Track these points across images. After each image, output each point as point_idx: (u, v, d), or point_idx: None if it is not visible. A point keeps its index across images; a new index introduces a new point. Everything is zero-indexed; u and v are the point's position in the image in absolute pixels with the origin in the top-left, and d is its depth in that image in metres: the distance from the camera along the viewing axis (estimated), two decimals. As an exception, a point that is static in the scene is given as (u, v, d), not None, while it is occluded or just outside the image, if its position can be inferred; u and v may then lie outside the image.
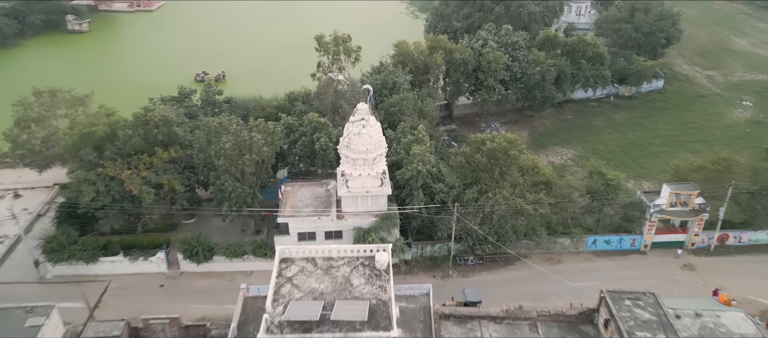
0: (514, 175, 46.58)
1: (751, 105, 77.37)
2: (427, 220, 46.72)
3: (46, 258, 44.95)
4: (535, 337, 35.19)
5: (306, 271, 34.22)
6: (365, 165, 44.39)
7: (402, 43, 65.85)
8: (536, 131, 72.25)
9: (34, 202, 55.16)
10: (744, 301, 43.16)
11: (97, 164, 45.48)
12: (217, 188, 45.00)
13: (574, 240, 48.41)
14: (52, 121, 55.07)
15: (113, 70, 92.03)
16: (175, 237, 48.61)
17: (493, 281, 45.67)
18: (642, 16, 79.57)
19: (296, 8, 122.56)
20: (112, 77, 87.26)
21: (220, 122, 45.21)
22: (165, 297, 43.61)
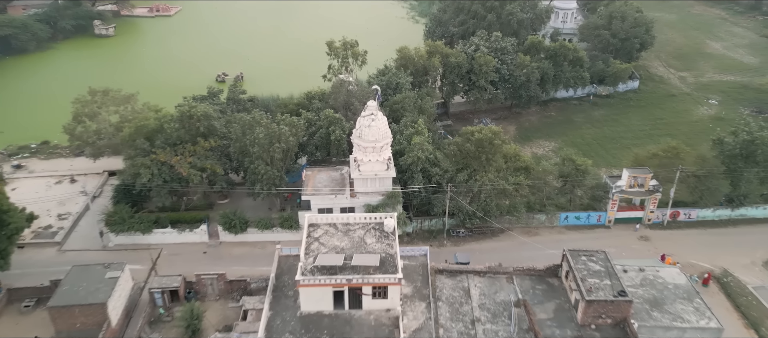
0: (499, 161, 55.59)
1: (716, 103, 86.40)
2: (426, 199, 55.89)
3: (109, 230, 54.01)
4: (511, 286, 44.24)
5: (329, 233, 43.27)
6: (374, 152, 53.49)
7: (404, 49, 74.87)
8: (523, 126, 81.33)
9: (88, 186, 64.07)
10: (688, 264, 52.23)
11: (149, 152, 54.47)
12: (251, 171, 54.00)
13: (549, 216, 57.48)
14: (103, 116, 64.04)
15: (139, 71, 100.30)
16: (213, 214, 57.68)
17: (480, 249, 54.69)
18: (619, 23, 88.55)
19: (304, 13, 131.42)
20: (139, 78, 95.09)
21: (253, 116, 54.34)
22: (208, 262, 52.56)
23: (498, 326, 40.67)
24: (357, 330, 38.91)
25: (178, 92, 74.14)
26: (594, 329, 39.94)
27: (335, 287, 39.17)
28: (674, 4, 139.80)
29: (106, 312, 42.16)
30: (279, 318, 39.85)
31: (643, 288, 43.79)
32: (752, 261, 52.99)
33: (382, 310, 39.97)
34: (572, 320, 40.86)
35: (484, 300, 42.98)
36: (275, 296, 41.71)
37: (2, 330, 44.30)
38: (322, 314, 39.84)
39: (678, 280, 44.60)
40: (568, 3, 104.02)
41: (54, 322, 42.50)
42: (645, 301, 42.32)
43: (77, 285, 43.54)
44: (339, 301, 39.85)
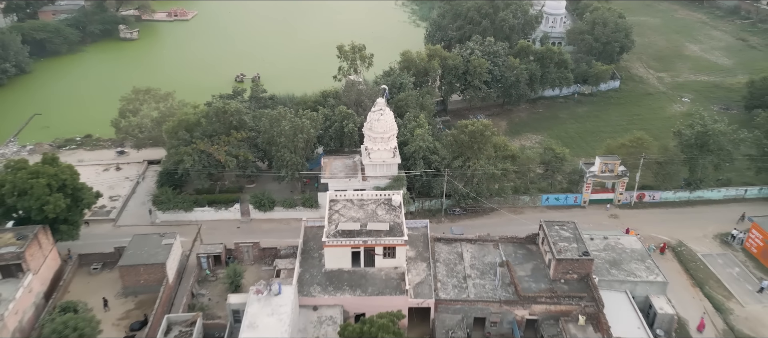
0: (489, 150, 64.75)
1: (688, 101, 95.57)
2: (426, 182, 65.17)
3: (157, 208, 63.33)
4: (497, 251, 53.51)
5: (347, 206, 52.56)
6: (382, 142, 62.75)
7: (406, 52, 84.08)
8: (513, 121, 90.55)
9: (131, 173, 73.44)
10: (649, 237, 61.44)
11: (190, 142, 63.73)
12: (278, 159, 63.24)
13: (532, 197, 66.74)
14: (145, 112, 73.32)
15: (162, 72, 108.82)
16: (243, 196, 66.94)
17: (473, 224, 63.91)
18: (601, 28, 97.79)
19: (313, 17, 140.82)
20: (163, 79, 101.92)
21: (279, 111, 63.61)
22: (241, 235, 61.71)
23: (485, 281, 49.96)
24: (371, 283, 48.24)
25: (201, 91, 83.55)
26: (563, 283, 49.19)
27: (353, 247, 48.49)
28: (659, 9, 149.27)
29: (165, 270, 51.48)
30: (307, 274, 49.17)
31: (605, 251, 53.07)
32: (704, 235, 62.23)
33: (391, 267, 49.30)
34: (546, 276, 50.13)
35: (474, 262, 52.26)
36: (303, 257, 51.01)
37: (75, 288, 53.51)
38: (343, 270, 49.18)
39: (635, 246, 53.90)
40: (557, 9, 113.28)
41: (123, 279, 51.84)
42: (606, 261, 51.60)
43: (139, 250, 52.87)
44: (356, 260, 49.17)
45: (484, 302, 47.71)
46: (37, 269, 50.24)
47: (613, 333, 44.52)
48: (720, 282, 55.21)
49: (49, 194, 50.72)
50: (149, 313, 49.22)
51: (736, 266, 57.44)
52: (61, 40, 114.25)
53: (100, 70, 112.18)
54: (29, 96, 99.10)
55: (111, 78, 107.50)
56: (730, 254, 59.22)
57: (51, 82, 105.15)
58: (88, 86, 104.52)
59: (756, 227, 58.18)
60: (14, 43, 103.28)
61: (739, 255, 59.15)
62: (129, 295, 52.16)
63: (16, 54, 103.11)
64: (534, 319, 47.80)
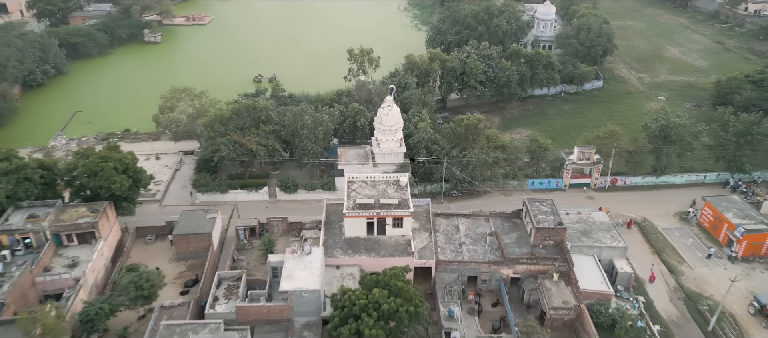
0: (482, 141, 75.08)
1: (663, 99, 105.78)
2: (428, 168, 75.51)
3: (197, 190, 73.70)
4: (487, 224, 63.83)
5: (362, 186, 62.90)
6: (390, 134, 73.10)
7: (410, 56, 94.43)
8: (506, 117, 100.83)
9: (170, 162, 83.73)
10: (618, 214, 71.64)
11: (224, 134, 74.00)
12: (301, 148, 73.58)
13: (520, 182, 77.05)
14: (181, 108, 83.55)
15: (185, 72, 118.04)
16: (269, 180, 77.22)
17: (468, 205, 74.18)
18: (585, 33, 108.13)
19: (322, 21, 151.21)
20: (186, 78, 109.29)
21: (301, 108, 73.98)
22: (270, 212, 71.69)
23: (477, 247, 60.30)
24: (383, 247, 58.57)
25: (223, 90, 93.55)
26: (541, 248, 59.51)
27: (368, 218, 58.81)
28: (645, 13, 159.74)
29: (211, 240, 61.85)
30: (330, 240, 59.52)
31: (578, 224, 63.39)
32: (666, 213, 72.56)
33: (399, 235, 59.63)
34: (527, 243, 60.48)
35: (468, 232, 62.63)
36: (326, 228, 61.33)
37: (135, 254, 63.82)
38: (359, 237, 59.51)
39: (603, 220, 64.26)
40: (547, 15, 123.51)
41: (176, 246, 62.23)
42: (578, 231, 61.91)
43: (188, 223, 63.23)
44: (370, 229, 59.47)
45: (476, 263, 58.03)
46: (106, 237, 60.60)
47: (581, 287, 54.85)
48: (675, 250, 65.59)
49: (115, 176, 61.07)
50: (199, 274, 59.57)
51: (690, 237, 67.85)
52: (92, 43, 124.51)
53: (129, 71, 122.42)
54: (67, 95, 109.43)
55: (140, 78, 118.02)
56: (686, 228, 69.64)
57: (86, 82, 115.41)
58: (120, 85, 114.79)
59: (708, 205, 68.52)
60: (53, 46, 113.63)
61: (693, 229, 69.54)
62: (180, 260, 62.52)
63: (55, 56, 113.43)
64: (517, 277, 58.12)
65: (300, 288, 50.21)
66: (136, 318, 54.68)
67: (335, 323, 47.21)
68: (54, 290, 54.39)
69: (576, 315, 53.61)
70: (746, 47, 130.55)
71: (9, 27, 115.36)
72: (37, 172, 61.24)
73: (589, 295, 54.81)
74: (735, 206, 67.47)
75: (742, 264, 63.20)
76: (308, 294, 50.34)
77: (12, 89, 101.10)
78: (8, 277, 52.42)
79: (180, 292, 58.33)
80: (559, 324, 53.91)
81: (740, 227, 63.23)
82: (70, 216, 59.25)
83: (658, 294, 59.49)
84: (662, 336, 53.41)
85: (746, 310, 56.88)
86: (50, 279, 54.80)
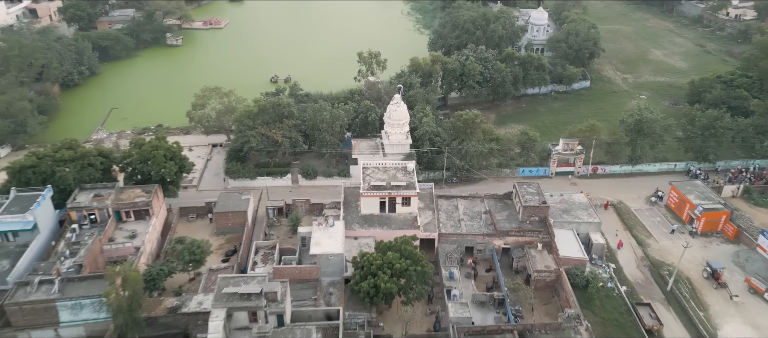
0: (479, 134, 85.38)
1: (644, 98, 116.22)
2: (431, 158, 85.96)
3: (229, 176, 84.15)
4: (483, 204, 74.24)
5: (375, 171, 73.32)
6: (398, 127, 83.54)
7: (414, 59, 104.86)
8: (501, 114, 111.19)
9: (201, 153, 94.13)
10: (597, 197, 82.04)
11: (252, 127, 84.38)
12: (319, 140, 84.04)
13: (512, 170, 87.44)
14: (211, 104, 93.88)
15: (206, 73, 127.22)
16: (291, 168, 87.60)
17: (466, 189, 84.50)
18: (574, 38, 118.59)
19: (330, 25, 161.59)
20: (207, 78, 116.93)
21: (320, 105, 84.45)
22: (293, 196, 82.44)
23: (473, 223, 70.75)
24: (393, 222, 68.98)
25: (242, 90, 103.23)
26: (528, 223, 69.96)
27: (381, 198, 69.25)
28: (633, 18, 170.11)
29: (246, 217, 72.32)
30: (349, 217, 69.94)
31: (560, 204, 73.82)
32: (638, 196, 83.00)
33: (407, 212, 70.07)
34: (516, 219, 70.91)
35: (466, 211, 73.10)
36: (345, 207, 71.77)
37: (180, 229, 74.19)
38: (373, 214, 69.95)
39: (581, 201, 74.71)
40: (540, 20, 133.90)
41: (216, 222, 72.68)
42: (560, 210, 72.33)
43: (226, 203, 73.69)
44: (383, 207, 69.89)
45: (472, 235, 68.51)
46: (157, 214, 71.07)
47: (561, 254, 65.25)
48: (644, 227, 76.07)
49: (165, 162, 71.55)
50: (238, 245, 70.03)
51: (658, 216, 78.33)
52: (120, 46, 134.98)
53: (155, 72, 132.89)
54: (101, 93, 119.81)
55: (165, 78, 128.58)
56: (655, 208, 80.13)
57: (116, 82, 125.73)
58: (147, 84, 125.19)
59: (674, 189, 78.95)
60: (87, 49, 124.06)
61: (661, 209, 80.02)
62: (220, 234, 72.94)
63: (88, 59, 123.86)
64: (507, 247, 68.55)
65: (326, 252, 60.69)
66: (187, 279, 65.15)
67: (356, 279, 57.73)
68: (118, 256, 64.78)
69: (556, 277, 64.04)
70: (725, 50, 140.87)
71: (47, 32, 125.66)
72: (98, 159, 71.84)
73: (567, 261, 65.18)
74: (697, 189, 77.95)
75: (701, 238, 73.66)
76: (333, 257, 60.81)
77: (53, 88, 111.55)
78: (82, 245, 63.02)
79: (222, 260, 68.76)
80: (542, 284, 64.32)
81: (699, 207, 73.69)
82: (127, 196, 69.77)
83: (627, 262, 69.96)
84: (628, 295, 63.77)
85: (701, 275, 67.27)
86: (115, 247, 65.39)
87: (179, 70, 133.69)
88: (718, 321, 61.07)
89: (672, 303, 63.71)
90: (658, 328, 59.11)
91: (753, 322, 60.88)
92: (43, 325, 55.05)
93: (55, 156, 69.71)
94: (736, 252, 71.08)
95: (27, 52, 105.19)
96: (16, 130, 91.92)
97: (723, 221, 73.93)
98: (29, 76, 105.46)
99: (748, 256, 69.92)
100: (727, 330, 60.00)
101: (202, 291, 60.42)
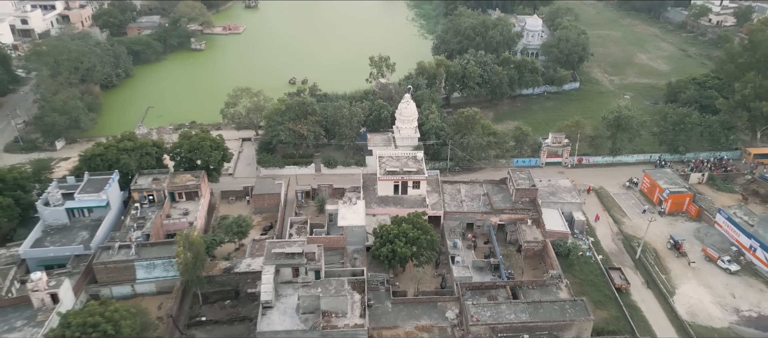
0: (478, 129, 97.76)
1: (628, 98, 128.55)
2: (436, 149, 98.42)
3: (260, 165, 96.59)
4: (482, 188, 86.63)
5: (389, 159, 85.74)
6: (408, 123, 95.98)
7: (421, 62, 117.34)
8: (498, 112, 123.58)
9: (233, 146, 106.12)
10: (581, 184, 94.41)
11: (281, 123, 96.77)
12: (339, 134, 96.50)
13: (507, 160, 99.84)
14: (242, 103, 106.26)
15: (229, 75, 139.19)
16: (314, 159, 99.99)
17: (468, 176, 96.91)
18: (564, 43, 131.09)
19: (341, 30, 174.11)
20: (230, 80, 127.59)
21: (340, 103, 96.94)
22: (317, 182, 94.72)
23: (473, 203, 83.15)
24: (406, 202, 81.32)
25: (264, 91, 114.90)
26: (520, 203, 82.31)
27: (395, 181, 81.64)
28: (622, 24, 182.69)
29: (279, 198, 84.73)
30: (368, 198, 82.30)
31: (547, 188, 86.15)
32: (617, 183, 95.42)
33: (417, 194, 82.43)
34: (510, 200, 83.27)
35: (467, 193, 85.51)
36: (364, 190, 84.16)
37: (222, 209, 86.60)
38: (388, 196, 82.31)
39: (566, 185, 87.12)
40: (535, 26, 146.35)
41: (254, 203, 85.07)
42: (547, 192, 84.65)
43: (263, 187, 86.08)
44: (396, 190, 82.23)
45: (472, 213, 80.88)
46: (204, 196, 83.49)
47: (547, 228, 77.57)
48: (620, 208, 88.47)
49: (211, 151, 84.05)
50: (274, 222, 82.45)
51: (632, 199, 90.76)
52: (151, 51, 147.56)
53: (183, 73, 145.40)
54: (137, 93, 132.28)
55: (193, 79, 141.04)
56: (630, 193, 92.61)
57: (149, 82, 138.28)
58: (177, 85, 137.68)
59: (647, 176, 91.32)
60: (122, 54, 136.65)
61: (636, 193, 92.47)
62: (257, 213, 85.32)
63: (124, 62, 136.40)
64: (502, 223, 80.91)
65: (352, 224, 73.15)
66: (233, 249, 77.52)
67: (377, 246, 70.13)
68: (174, 229, 77.02)
69: (543, 247, 76.38)
70: (705, 54, 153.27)
71: (86, 37, 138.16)
72: (153, 149, 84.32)
73: (552, 234, 77.45)
74: (666, 176, 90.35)
75: (668, 217, 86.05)
76: (357, 229, 73.25)
77: (95, 88, 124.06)
78: (147, 219, 75.55)
79: (260, 233, 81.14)
80: (531, 253, 76.68)
81: (667, 190, 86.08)
82: (180, 180, 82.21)
83: (604, 237, 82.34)
84: (602, 262, 76.12)
85: (665, 246, 79.63)
86: (172, 222, 77.80)
87: (205, 72, 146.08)
88: (677, 282, 73.39)
89: (640, 268, 76.06)
90: (626, 287, 71.50)
91: (706, 283, 73.18)
92: (122, 281, 67.49)
93: (118, 146, 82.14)
94: (698, 228, 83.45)
95: (74, 55, 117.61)
96: (70, 125, 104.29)
97: (687, 202, 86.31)
98: (76, 78, 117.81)
99: (707, 231, 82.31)
100: (684, 289, 72.29)
101: (249, 255, 72.86)
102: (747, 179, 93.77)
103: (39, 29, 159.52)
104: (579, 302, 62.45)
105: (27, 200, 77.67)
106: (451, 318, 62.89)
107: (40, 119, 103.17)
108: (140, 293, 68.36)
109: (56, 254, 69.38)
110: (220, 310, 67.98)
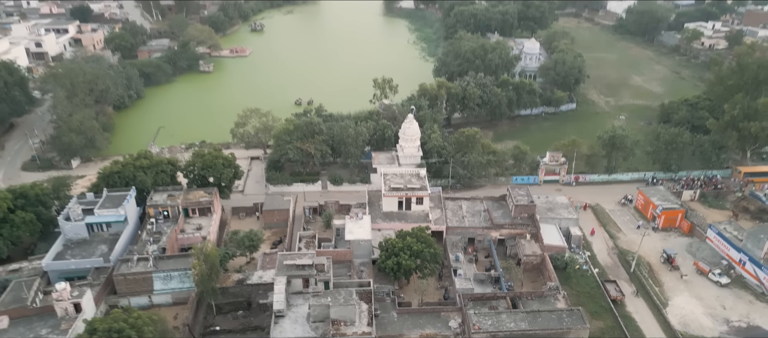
0: (478, 148, 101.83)
1: (623, 118, 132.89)
2: (438, 167, 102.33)
3: (269, 183, 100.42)
4: (482, 204, 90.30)
5: (393, 176, 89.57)
6: (411, 142, 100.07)
7: (423, 84, 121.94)
8: (498, 132, 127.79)
9: (242, 165, 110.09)
10: (578, 200, 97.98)
11: (289, 142, 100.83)
12: (345, 153, 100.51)
13: (507, 178, 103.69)
14: (252, 123, 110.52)
15: (236, 96, 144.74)
16: (321, 176, 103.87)
17: (469, 193, 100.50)
18: (561, 66, 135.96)
19: (344, 54, 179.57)
20: (238, 101, 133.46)
21: (346, 123, 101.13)
22: (323, 199, 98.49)
23: (474, 218, 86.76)
24: (409, 217, 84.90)
25: (271, 111, 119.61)
26: (519, 219, 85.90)
27: (399, 198, 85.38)
28: (618, 47, 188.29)
29: (288, 214, 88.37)
30: (373, 213, 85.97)
31: (545, 204, 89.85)
32: (613, 200, 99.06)
33: (421, 210, 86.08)
34: (510, 215, 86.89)
35: (468, 209, 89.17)
36: (370, 206, 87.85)
37: (233, 224, 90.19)
38: (393, 211, 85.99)
39: (563, 201, 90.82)
40: (532, 50, 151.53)
41: (264, 218, 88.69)
42: (545, 208, 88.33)
43: (272, 203, 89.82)
44: (400, 205, 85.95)
45: (473, 228, 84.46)
46: (216, 211, 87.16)
47: (545, 243, 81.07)
48: (615, 224, 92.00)
49: (223, 169, 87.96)
50: (283, 236, 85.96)
51: (627, 215, 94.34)
52: (161, 73, 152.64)
53: (192, 95, 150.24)
54: (148, 114, 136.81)
55: (201, 100, 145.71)
56: (625, 209, 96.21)
57: (160, 104, 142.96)
58: (186, 106, 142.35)
59: (641, 193, 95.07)
60: (134, 76, 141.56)
61: (630, 209, 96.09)
62: (267, 228, 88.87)
63: (136, 84, 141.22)
64: (502, 238, 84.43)
65: (358, 238, 76.70)
66: (244, 262, 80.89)
67: (382, 258, 73.58)
68: (188, 243, 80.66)
69: (541, 260, 79.77)
70: (697, 76, 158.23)
71: (99, 60, 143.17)
72: (168, 166, 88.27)
73: (550, 248, 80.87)
74: (659, 193, 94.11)
75: (661, 233, 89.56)
76: (364, 243, 76.78)
77: (108, 109, 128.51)
78: (163, 234, 79.12)
79: (270, 247, 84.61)
80: (530, 266, 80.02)
81: (660, 206, 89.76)
82: (193, 196, 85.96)
83: (600, 251, 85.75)
84: (598, 275, 79.45)
85: (659, 260, 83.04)
86: (186, 236, 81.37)
87: (213, 94, 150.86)
88: (670, 295, 76.61)
89: (634, 281, 79.34)
90: (621, 298, 74.75)
91: (697, 295, 76.42)
92: (140, 292, 70.83)
93: (135, 164, 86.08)
94: (690, 243, 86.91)
95: (90, 78, 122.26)
96: (86, 145, 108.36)
97: (679, 218, 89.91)
98: (91, 99, 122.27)
99: (699, 246, 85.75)
100: (677, 301, 75.47)
101: (260, 268, 76.29)
102: (737, 197, 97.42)
103: (52, 52, 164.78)
104: (575, 311, 65.67)
105: (47, 216, 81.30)
106: (454, 328, 66.04)
107: (57, 139, 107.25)
108: (157, 304, 71.59)
109: (77, 266, 72.82)
110: (234, 320, 71.20)
